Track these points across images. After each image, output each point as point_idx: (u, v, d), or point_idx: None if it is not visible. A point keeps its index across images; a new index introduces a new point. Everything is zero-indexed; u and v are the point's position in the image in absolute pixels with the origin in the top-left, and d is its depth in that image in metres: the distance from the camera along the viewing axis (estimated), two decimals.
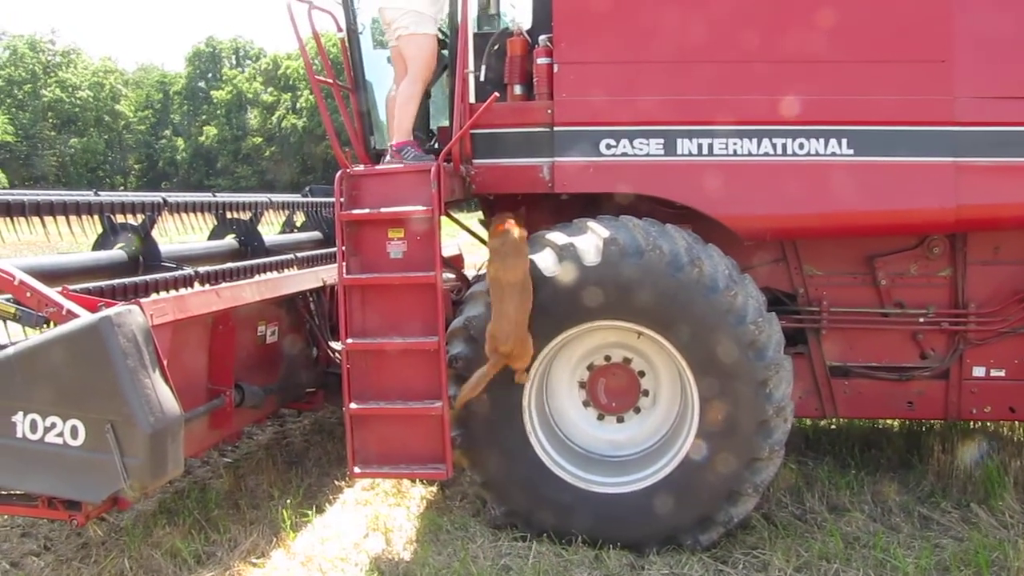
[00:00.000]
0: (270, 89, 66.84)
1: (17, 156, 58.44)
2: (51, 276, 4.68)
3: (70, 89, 63.74)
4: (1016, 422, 6.33)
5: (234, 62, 74.33)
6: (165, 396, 3.94)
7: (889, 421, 6.84)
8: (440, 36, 5.46)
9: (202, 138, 66.49)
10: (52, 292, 4.08)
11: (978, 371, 5.48)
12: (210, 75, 73.27)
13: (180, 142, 69.03)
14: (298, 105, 64.24)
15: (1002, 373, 5.46)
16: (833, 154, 4.88)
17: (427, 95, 5.68)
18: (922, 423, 6.68)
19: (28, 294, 4.06)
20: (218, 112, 67.00)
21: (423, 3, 5.19)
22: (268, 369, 5.83)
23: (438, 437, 4.65)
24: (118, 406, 3.80)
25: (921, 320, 5.44)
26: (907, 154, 4.85)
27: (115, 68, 71.05)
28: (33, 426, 3.92)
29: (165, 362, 4.04)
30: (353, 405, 4.69)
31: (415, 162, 5.01)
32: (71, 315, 3.94)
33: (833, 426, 6.94)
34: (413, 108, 5.25)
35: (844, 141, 4.86)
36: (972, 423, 6.07)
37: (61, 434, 3.89)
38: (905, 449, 6.32)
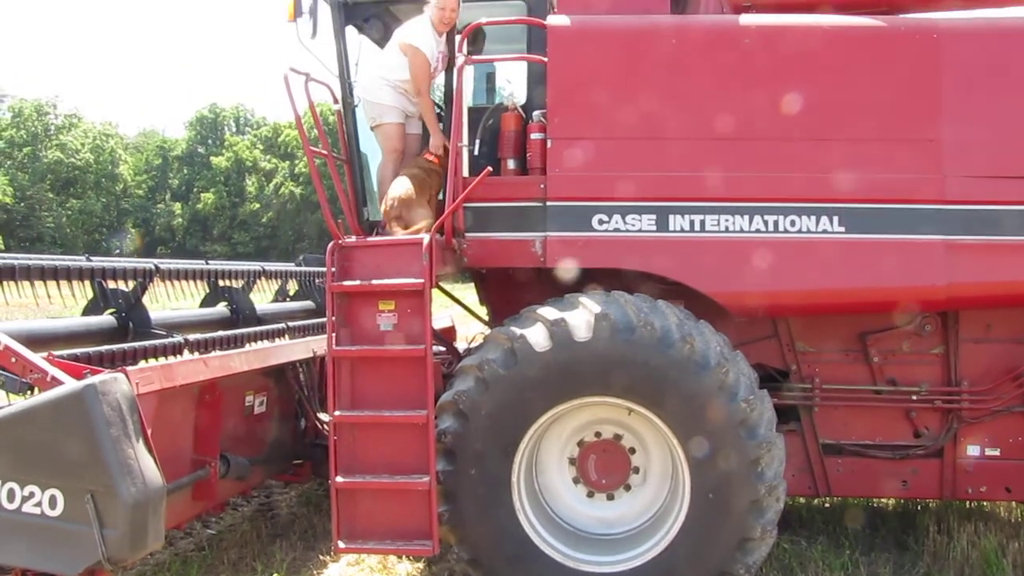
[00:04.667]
0: (269, 156, 67.46)
1: (15, 218, 58.63)
2: (38, 341, 4.64)
3: (70, 151, 64.18)
4: (1013, 502, 6.26)
5: (234, 128, 74.99)
6: (148, 466, 3.87)
7: (884, 500, 6.75)
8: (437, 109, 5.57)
9: (200, 205, 66.78)
10: (37, 358, 4.04)
11: (973, 450, 5.45)
12: (210, 140, 73.89)
13: (178, 207, 69.29)
14: (295, 172, 64.74)
15: (997, 452, 5.42)
16: (824, 231, 4.91)
17: None
18: (917, 502, 6.59)
19: (13, 359, 4.02)
20: (217, 180, 67.42)
21: (385, 96, 5.54)
22: (255, 440, 5.76)
23: (425, 512, 4.57)
24: (99, 476, 3.74)
25: (914, 398, 5.42)
26: (898, 232, 4.88)
27: (115, 132, 71.63)
28: (11, 495, 3.85)
29: (149, 431, 3.98)
30: (339, 478, 4.63)
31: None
32: (56, 382, 3.90)
33: (827, 505, 6.85)
34: (386, 188, 5.46)
35: (835, 219, 4.90)
36: (968, 503, 5.99)
37: (39, 504, 3.83)
38: (900, 529, 6.23)
